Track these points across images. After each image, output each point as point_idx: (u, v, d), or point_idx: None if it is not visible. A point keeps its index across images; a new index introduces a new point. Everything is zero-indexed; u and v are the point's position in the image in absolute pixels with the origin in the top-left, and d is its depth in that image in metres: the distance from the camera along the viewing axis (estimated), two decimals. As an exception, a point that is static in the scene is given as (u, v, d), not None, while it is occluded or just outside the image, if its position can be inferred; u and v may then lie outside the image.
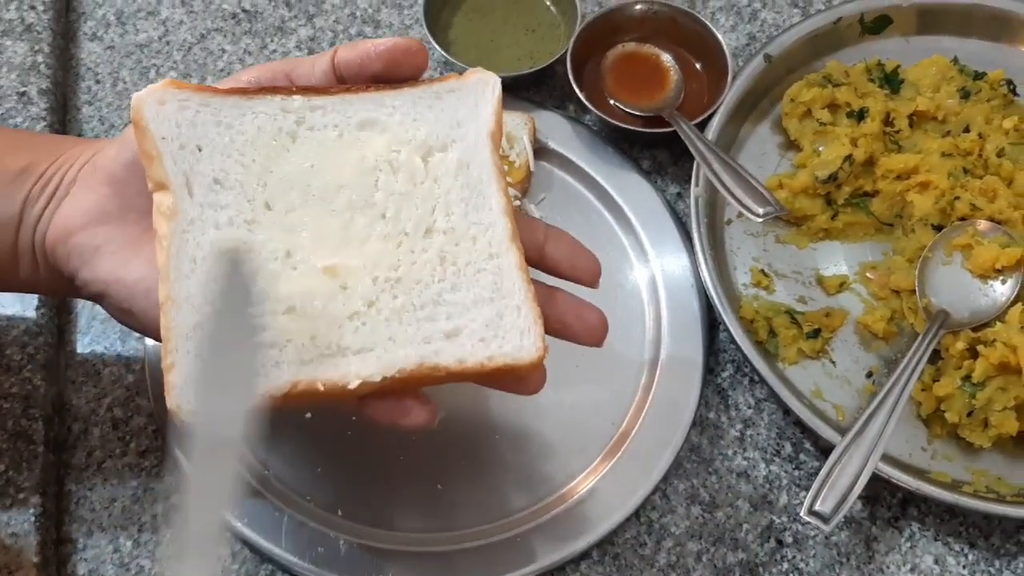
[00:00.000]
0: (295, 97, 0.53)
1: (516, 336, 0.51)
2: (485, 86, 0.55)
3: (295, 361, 0.48)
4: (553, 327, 0.53)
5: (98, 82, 0.85)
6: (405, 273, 0.51)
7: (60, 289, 0.55)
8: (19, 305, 0.71)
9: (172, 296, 0.48)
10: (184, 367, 0.47)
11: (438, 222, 0.52)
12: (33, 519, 0.65)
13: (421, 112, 0.54)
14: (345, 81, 0.55)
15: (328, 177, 0.52)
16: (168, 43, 0.86)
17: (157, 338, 0.48)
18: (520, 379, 0.53)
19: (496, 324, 0.51)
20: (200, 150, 0.51)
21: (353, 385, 0.48)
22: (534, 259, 0.55)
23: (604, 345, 0.57)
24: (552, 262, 0.56)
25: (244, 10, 0.88)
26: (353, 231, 0.51)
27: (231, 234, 0.50)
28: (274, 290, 0.49)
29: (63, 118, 0.82)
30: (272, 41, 0.87)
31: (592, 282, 0.57)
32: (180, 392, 0.47)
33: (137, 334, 0.73)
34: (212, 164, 0.51)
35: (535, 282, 0.53)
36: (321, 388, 0.48)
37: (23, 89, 0.80)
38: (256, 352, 0.47)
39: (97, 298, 0.52)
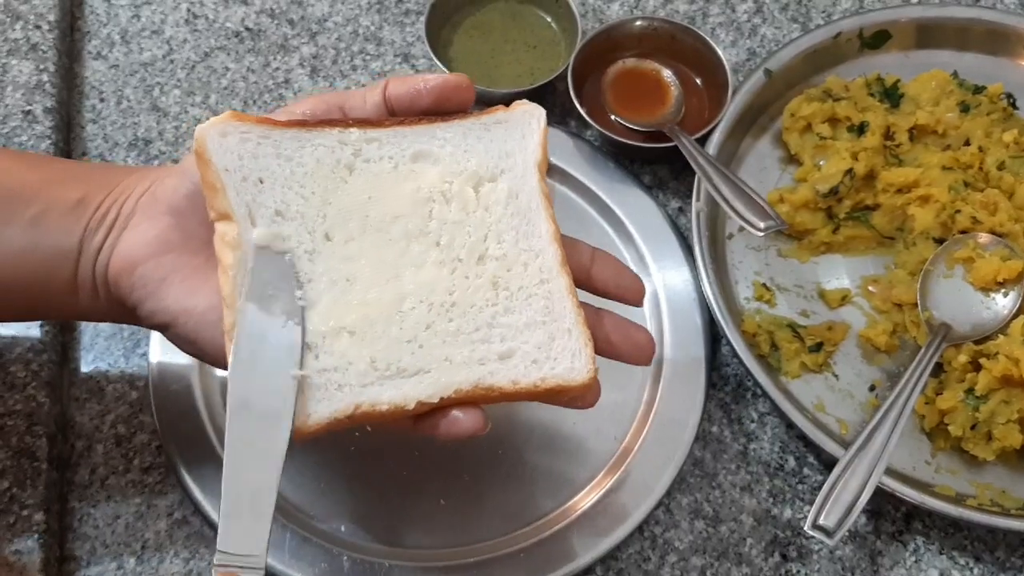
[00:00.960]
0: (352, 130, 0.54)
1: (568, 358, 0.52)
2: (531, 117, 0.57)
3: (356, 384, 0.50)
4: (601, 347, 0.54)
5: (102, 100, 0.85)
6: (460, 298, 0.52)
7: (120, 317, 0.56)
8: (23, 323, 0.71)
9: (238, 323, 0.49)
10: None
11: (490, 249, 0.54)
12: (37, 536, 0.65)
13: (471, 144, 0.56)
14: (395, 114, 0.56)
15: (385, 208, 0.53)
16: (172, 61, 0.87)
17: (223, 367, 0.49)
18: (575, 398, 0.54)
19: (548, 346, 0.52)
20: (262, 182, 0.52)
21: (411, 407, 0.50)
22: (581, 280, 0.56)
23: (605, 359, 0.57)
24: (599, 282, 0.58)
25: (247, 28, 0.89)
26: (409, 258, 0.53)
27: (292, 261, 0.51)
28: (335, 316, 0.51)
29: (68, 136, 0.83)
30: (275, 59, 0.88)
31: (637, 301, 0.59)
32: None
33: (141, 352, 0.73)
34: (274, 196, 0.52)
35: (583, 304, 0.54)
36: (383, 409, 0.49)
37: (28, 108, 0.80)
38: (295, 331, 0.49)
39: (162, 328, 0.53)
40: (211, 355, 0.51)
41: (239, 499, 0.47)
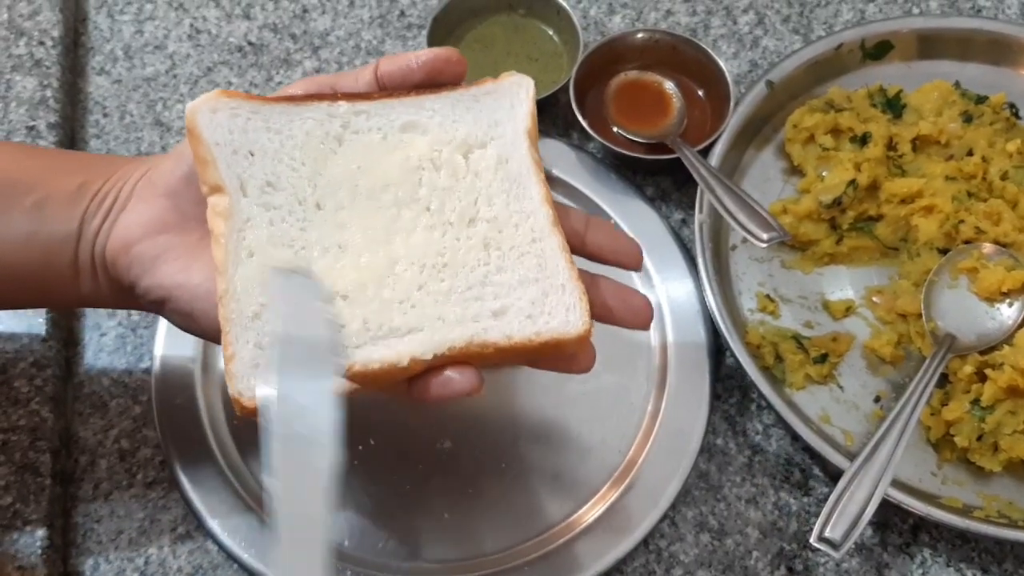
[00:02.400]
0: (340, 103, 0.55)
1: (562, 312, 0.52)
2: (519, 88, 0.57)
3: (349, 345, 0.50)
4: (597, 312, 0.54)
5: (106, 115, 0.85)
6: (451, 258, 0.53)
7: (121, 300, 0.57)
8: (27, 338, 0.71)
9: (230, 288, 0.50)
10: (244, 356, 0.49)
11: (481, 212, 0.54)
12: (40, 551, 0.65)
13: (460, 114, 0.56)
14: (388, 91, 0.57)
15: (374, 177, 0.54)
16: (175, 76, 0.87)
17: (217, 340, 0.50)
18: (570, 356, 0.54)
19: (542, 302, 0.52)
20: (252, 155, 0.53)
21: (404, 363, 0.50)
22: (576, 246, 0.56)
23: (609, 371, 0.57)
24: (594, 247, 0.58)
25: (250, 43, 0.89)
26: (400, 224, 0.53)
27: (284, 230, 0.52)
28: (328, 282, 0.51)
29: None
30: (278, 73, 0.88)
31: (635, 265, 0.59)
32: (240, 380, 0.48)
33: (144, 366, 0.73)
34: (264, 168, 0.53)
35: (579, 270, 0.54)
36: (376, 367, 0.50)
37: (32, 123, 0.81)
38: (328, 341, 0.49)
39: (158, 304, 0.54)
40: (206, 329, 0.52)
41: (294, 526, 0.46)
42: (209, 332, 0.52)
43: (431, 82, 0.57)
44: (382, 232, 0.53)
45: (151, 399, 0.71)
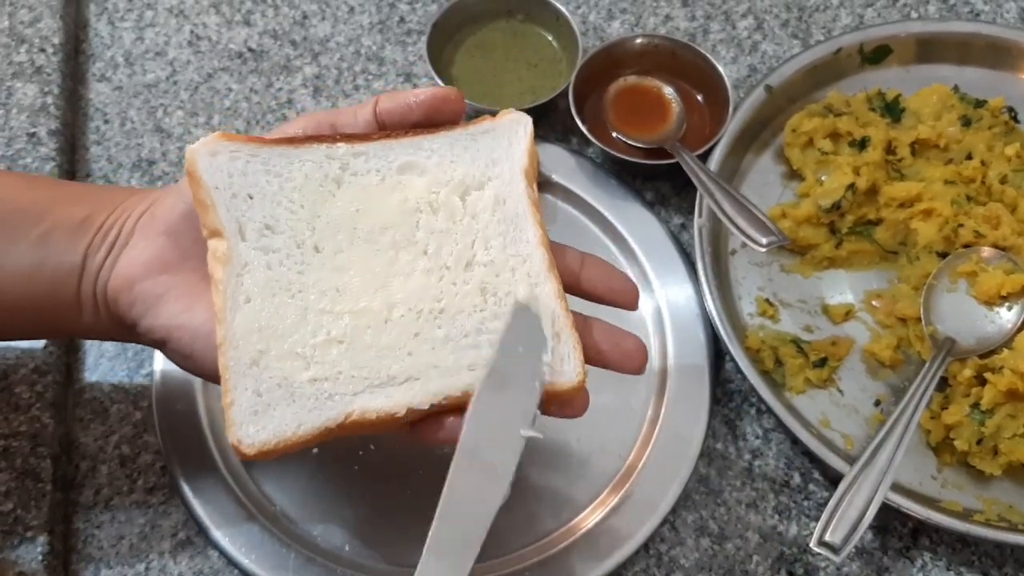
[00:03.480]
0: (339, 145, 0.55)
1: (557, 362, 0.52)
2: (518, 126, 0.58)
3: (347, 393, 0.50)
4: (590, 356, 0.54)
5: (107, 122, 0.86)
6: (448, 304, 0.53)
7: (121, 335, 0.57)
8: (27, 344, 0.72)
9: (228, 336, 0.50)
10: (243, 403, 0.49)
11: (478, 255, 0.54)
12: (41, 557, 0.65)
13: (458, 154, 0.56)
14: (387, 129, 0.57)
15: (373, 219, 0.54)
16: (175, 83, 0.88)
17: (216, 381, 0.50)
18: (564, 403, 0.54)
19: None
20: (251, 198, 0.53)
21: (401, 413, 0.50)
22: (571, 285, 0.57)
23: (609, 376, 0.57)
24: (589, 287, 0.58)
25: (250, 49, 0.90)
26: (397, 268, 0.53)
27: (282, 273, 0.52)
28: (326, 326, 0.51)
29: (72, 158, 0.83)
30: (278, 80, 0.88)
31: (631, 304, 0.58)
32: (240, 427, 0.49)
33: (145, 372, 0.74)
34: (263, 211, 0.53)
35: (572, 312, 0.54)
36: (373, 417, 0.50)
37: (33, 130, 0.81)
38: (536, 393, 0.51)
39: (159, 344, 0.54)
40: (206, 370, 0.52)
41: (447, 540, 0.48)
42: (208, 373, 0.52)
43: (430, 121, 0.57)
44: (380, 276, 0.53)
45: (152, 405, 0.71)
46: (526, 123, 0.57)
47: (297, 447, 0.49)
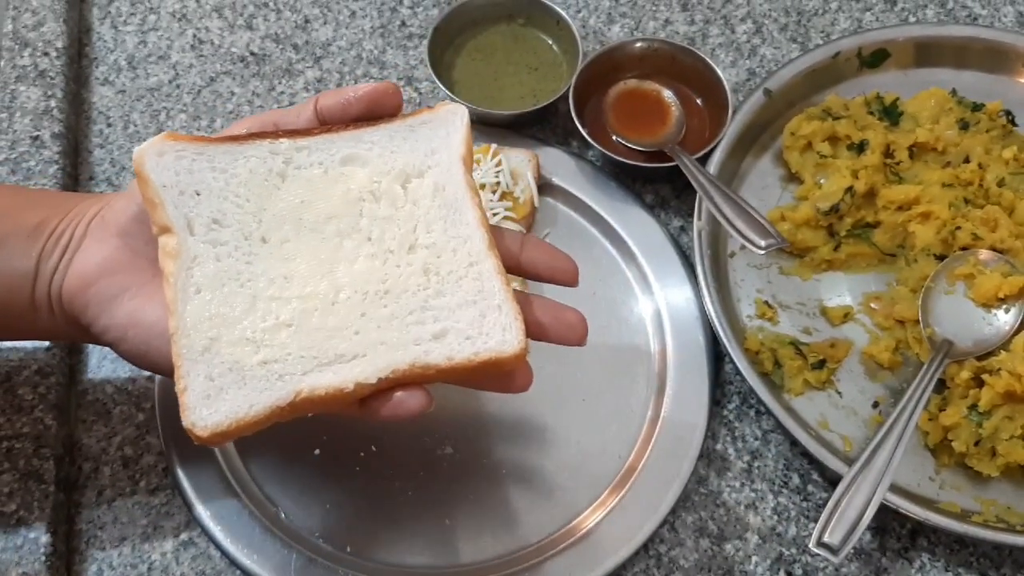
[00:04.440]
0: (282, 140, 0.57)
1: (499, 332, 0.54)
2: (455, 116, 0.59)
3: (296, 373, 0.52)
4: (532, 331, 0.56)
5: (110, 125, 0.86)
6: (392, 285, 0.55)
7: (77, 336, 0.58)
8: (30, 345, 0.72)
9: (180, 325, 0.51)
10: (196, 388, 0.50)
11: (420, 239, 0.56)
12: (44, 558, 0.65)
13: (397, 144, 0.58)
14: (328, 124, 0.58)
15: (317, 209, 0.56)
16: (178, 86, 0.88)
17: (170, 375, 0.51)
18: (507, 376, 0.55)
19: (479, 323, 0.54)
20: (198, 194, 0.55)
21: (350, 388, 0.51)
22: (512, 266, 0.58)
23: (609, 378, 0.57)
24: (529, 266, 0.59)
25: (252, 53, 0.90)
26: (343, 254, 0.55)
27: (231, 264, 0.53)
28: (275, 312, 0.53)
29: (75, 161, 0.84)
30: (280, 83, 0.88)
31: (571, 281, 0.59)
32: (193, 411, 0.50)
33: (147, 373, 0.74)
34: (210, 206, 0.55)
35: (514, 290, 0.55)
36: (323, 393, 0.51)
37: (36, 133, 0.81)
38: None
39: (115, 343, 0.55)
40: (161, 366, 0.53)
41: None
42: (164, 369, 0.53)
43: (370, 114, 0.58)
44: (326, 263, 0.55)
45: (154, 406, 0.72)
46: (462, 113, 0.59)
47: (250, 428, 0.51)
